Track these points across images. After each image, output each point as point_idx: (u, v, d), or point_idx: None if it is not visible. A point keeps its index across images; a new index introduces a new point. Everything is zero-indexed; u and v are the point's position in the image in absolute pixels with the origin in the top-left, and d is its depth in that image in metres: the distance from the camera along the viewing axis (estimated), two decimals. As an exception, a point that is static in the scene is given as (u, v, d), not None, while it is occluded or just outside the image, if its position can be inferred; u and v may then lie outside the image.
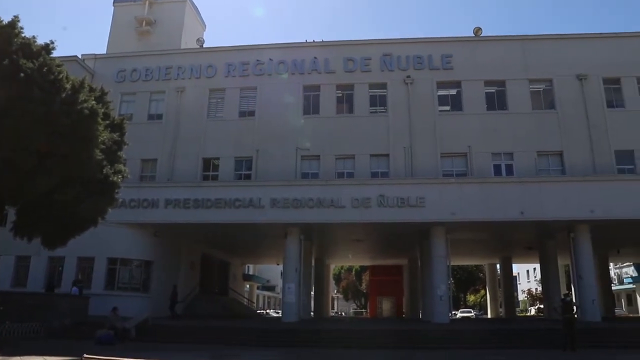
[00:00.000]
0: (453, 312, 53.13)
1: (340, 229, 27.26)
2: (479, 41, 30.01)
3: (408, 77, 28.94)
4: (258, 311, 57.68)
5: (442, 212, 23.75)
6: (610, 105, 28.35)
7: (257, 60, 30.28)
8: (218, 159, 29.28)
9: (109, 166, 16.94)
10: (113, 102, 20.50)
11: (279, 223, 24.75)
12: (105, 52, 34.57)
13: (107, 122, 17.23)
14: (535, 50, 29.28)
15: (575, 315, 18.46)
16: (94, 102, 15.23)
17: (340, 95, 29.77)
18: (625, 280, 64.03)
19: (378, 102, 29.44)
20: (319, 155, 28.11)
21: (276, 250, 31.20)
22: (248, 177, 28.36)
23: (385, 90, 29.23)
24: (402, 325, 24.94)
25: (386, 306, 48.31)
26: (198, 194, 25.24)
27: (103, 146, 16.07)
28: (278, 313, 50.37)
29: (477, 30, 30.31)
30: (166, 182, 27.77)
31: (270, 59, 30.13)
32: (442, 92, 29.18)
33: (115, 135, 17.85)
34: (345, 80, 29.53)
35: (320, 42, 31.48)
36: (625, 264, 62.06)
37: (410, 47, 29.73)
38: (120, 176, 17.52)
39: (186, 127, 29.73)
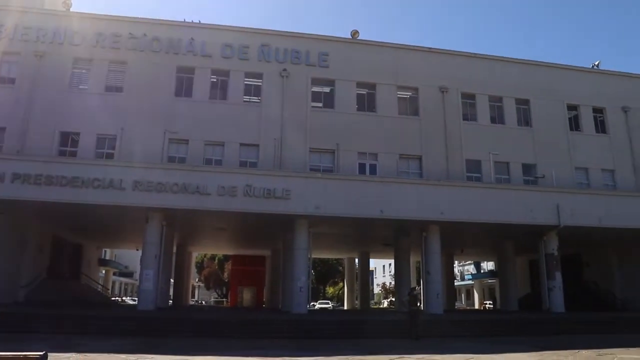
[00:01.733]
0: (312, 304, 54.87)
1: (205, 217, 26.71)
2: (355, 43, 31.09)
3: (284, 70, 29.19)
4: (113, 298, 54.92)
5: (306, 205, 24.29)
6: (465, 118, 31.08)
7: (130, 33, 28.58)
8: (78, 134, 27.22)
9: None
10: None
11: (141, 207, 23.59)
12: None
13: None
14: (406, 60, 31.09)
15: (421, 307, 19.99)
16: None
17: (215, 80, 29.19)
18: (466, 277, 70.61)
19: (253, 91, 29.37)
20: (187, 140, 27.36)
21: (136, 234, 29.76)
22: (110, 156, 26.74)
23: (260, 81, 29.23)
24: (260, 315, 25.11)
25: (247, 296, 48.50)
26: (52, 170, 23.11)
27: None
28: (135, 301, 48.34)
29: (355, 33, 31.38)
30: (15, 153, 25.27)
31: (144, 35, 28.64)
32: (316, 89, 29.87)
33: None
34: (222, 65, 29.01)
35: (198, 23, 30.58)
36: (467, 262, 68.41)
37: (289, 41, 29.97)
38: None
39: (43, 96, 27.17)
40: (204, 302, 79.52)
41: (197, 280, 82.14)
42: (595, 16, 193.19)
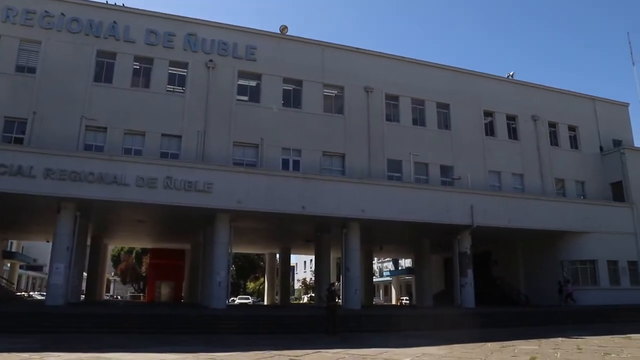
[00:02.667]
0: (232, 299, 54.38)
1: (123, 208, 25.76)
2: (283, 39, 31.03)
3: (211, 61, 28.64)
4: (18, 293, 51.80)
5: (228, 199, 24.03)
6: (388, 118, 31.90)
7: (46, 11, 26.79)
8: (-18, 116, 25.34)
9: None
10: None
11: (52, 196, 22.39)
12: None
13: None
14: (333, 58, 31.42)
15: (340, 303, 20.34)
16: None
17: (138, 67, 28.12)
18: (384, 274, 72.53)
19: (177, 81, 28.60)
20: (106, 128, 26.19)
21: (47, 226, 28.16)
22: (20, 141, 25.09)
23: (185, 71, 28.50)
24: (177, 311, 24.57)
25: (165, 290, 47.27)
26: (-50, 154, 21.50)
27: None
28: (44, 296, 45.81)
29: (284, 29, 31.32)
30: None
31: (62, 14, 27.02)
32: (242, 82, 29.54)
33: None
34: (145, 52, 27.98)
35: (122, 6, 29.30)
36: (386, 259, 70.27)
37: (216, 32, 29.39)
38: None
39: (-58, 73, 25.13)
40: (119, 297, 76.75)
41: (112, 274, 79.10)
42: (513, 28, 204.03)
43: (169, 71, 28.37)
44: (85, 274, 36.61)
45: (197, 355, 12.67)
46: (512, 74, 37.57)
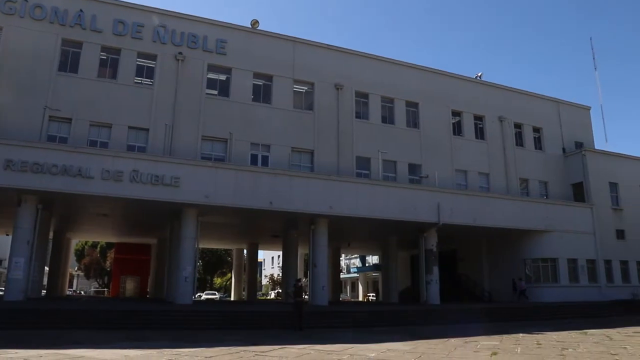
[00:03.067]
0: (198, 294, 53.94)
1: (87, 202, 25.24)
2: (254, 33, 30.77)
3: (180, 53, 28.22)
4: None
5: (196, 194, 23.80)
6: (358, 116, 32.05)
7: (7, -4, 25.93)
8: (-62, 104, 24.41)
9: None
10: None
11: (13, 188, 21.76)
12: None
13: None
14: (304, 54, 31.35)
15: (307, 298, 20.38)
16: None
17: (105, 58, 27.46)
18: (352, 270, 72.97)
19: (145, 73, 28.06)
20: (70, 119, 25.48)
21: (7, 219, 27.33)
22: (-22, 131, 24.28)
23: (154, 62, 28.00)
24: (142, 306, 24.25)
25: (130, 286, 46.60)
26: None
27: None
28: (2, 291, 44.58)
29: (255, 23, 31.05)
30: None
31: (24, 0, 26.16)
32: (212, 76, 29.21)
33: None
34: (113, 43, 27.35)
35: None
36: (353, 256, 70.71)
37: (186, 24, 28.94)
38: None
39: None
40: (82, 292, 75.33)
41: (76, 269, 77.48)
42: (483, 29, 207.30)
43: (137, 63, 27.83)
44: (47, 268, 35.78)
45: (162, 351, 12.53)
46: (480, 75, 38.19)
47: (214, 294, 59.84)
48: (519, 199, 34.30)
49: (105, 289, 67.34)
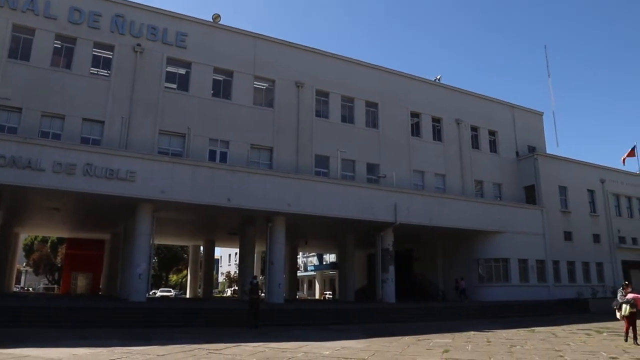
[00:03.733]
0: (153, 291, 52.94)
1: (37, 195, 24.36)
2: (216, 28, 30.36)
3: (139, 45, 27.57)
4: None
5: (151, 189, 23.34)
6: (318, 114, 32.10)
7: (-49, -22, 24.67)
8: None
9: None
10: None
11: (-45, 180, 20.85)
12: None
13: None
14: (265, 51, 31.15)
15: (263, 296, 20.31)
16: None
17: (59, 46, 26.54)
18: (309, 268, 73.17)
19: (102, 63, 27.26)
20: (21, 108, 24.50)
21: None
22: None
23: (111, 53, 27.23)
24: (93, 303, 23.66)
25: (82, 282, 45.41)
26: None
27: None
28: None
29: (216, 17, 30.65)
30: None
31: (-30, -18, 24.97)
32: (171, 69, 28.67)
33: None
34: (68, 31, 26.40)
35: (42, -20, 27.52)
36: (311, 254, 70.90)
37: (146, 15, 28.27)
38: None
39: None
40: (30, 289, 72.80)
41: (24, 264, 74.78)
42: (443, 31, 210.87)
43: (94, 53, 26.99)
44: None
45: (112, 349, 12.27)
46: (439, 78, 38.88)
47: (169, 291, 58.81)
48: (473, 201, 35.14)
49: (56, 286, 65.34)
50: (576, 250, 38.77)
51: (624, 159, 44.09)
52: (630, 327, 14.85)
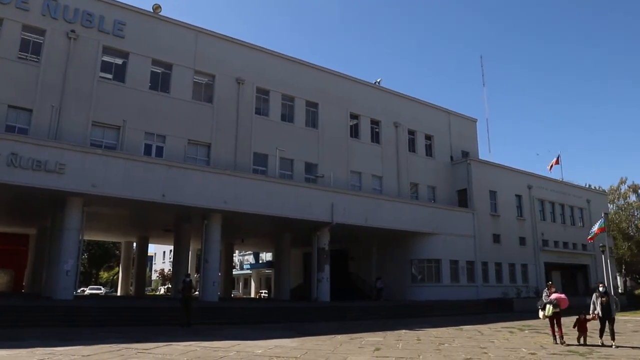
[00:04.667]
0: (82, 289, 50.98)
1: (-46, 185, 22.89)
2: (156, 18, 29.43)
3: (73, 31, 26.32)
4: None
5: (82, 182, 22.36)
6: (257, 112, 31.86)
7: None
8: None
9: None
10: None
11: None
12: None
13: None
14: (206, 45, 30.59)
15: (197, 294, 19.97)
16: None
17: (-17, 28, 25.00)
18: (245, 267, 72.65)
19: (31, 48, 25.79)
20: (-61, 93, 22.96)
21: None
22: None
23: (42, 38, 25.83)
24: (15, 301, 22.52)
25: (3, 279, 42.90)
26: None
27: None
28: None
29: (157, 8, 29.73)
30: None
31: None
32: (107, 58, 27.54)
33: None
34: (-7, 12, 24.92)
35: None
36: (247, 252, 70.40)
37: (81, 1, 27.00)
38: None
39: None
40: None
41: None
42: (385, 35, 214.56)
43: (22, 36, 25.48)
44: None
45: (33, 350, 11.72)
46: (380, 81, 39.56)
47: (99, 289, 56.95)
48: (409, 202, 36.00)
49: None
50: (504, 252, 40.57)
51: (550, 166, 46.67)
52: (557, 327, 15.30)
